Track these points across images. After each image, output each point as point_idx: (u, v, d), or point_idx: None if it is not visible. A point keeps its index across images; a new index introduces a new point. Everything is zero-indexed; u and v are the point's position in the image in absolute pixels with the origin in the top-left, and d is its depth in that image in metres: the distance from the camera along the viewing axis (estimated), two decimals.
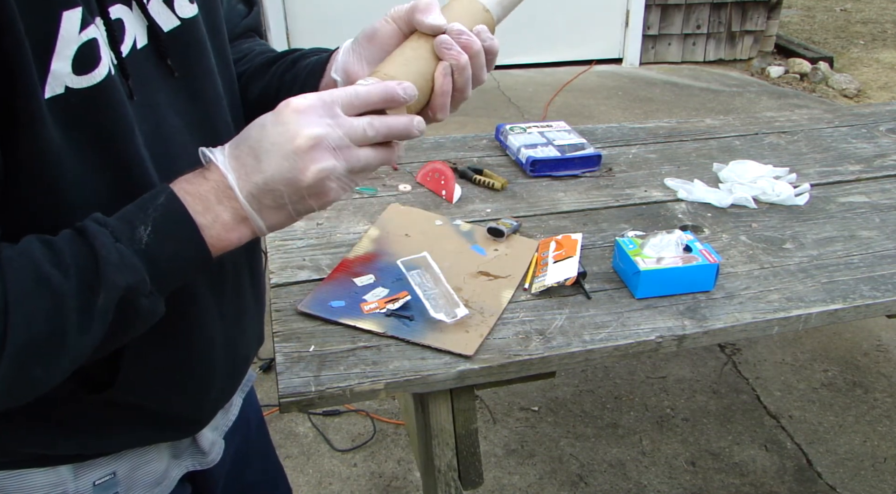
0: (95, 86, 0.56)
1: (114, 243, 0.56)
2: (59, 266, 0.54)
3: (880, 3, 7.15)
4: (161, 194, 0.59)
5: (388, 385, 0.93)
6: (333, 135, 0.60)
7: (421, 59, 0.68)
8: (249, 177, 0.60)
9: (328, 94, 0.61)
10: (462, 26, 0.69)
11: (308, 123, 0.59)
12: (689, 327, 1.05)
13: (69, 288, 0.54)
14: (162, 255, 0.58)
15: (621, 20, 4.94)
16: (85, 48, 0.55)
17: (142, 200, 0.59)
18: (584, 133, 1.66)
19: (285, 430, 2.14)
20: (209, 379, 0.78)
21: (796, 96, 4.67)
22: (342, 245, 1.22)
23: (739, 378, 2.38)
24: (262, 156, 0.60)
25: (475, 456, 1.08)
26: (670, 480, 2.00)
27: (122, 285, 0.56)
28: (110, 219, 0.58)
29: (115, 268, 0.55)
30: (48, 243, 0.55)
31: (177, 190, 0.60)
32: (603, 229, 1.30)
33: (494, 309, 1.06)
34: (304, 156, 0.59)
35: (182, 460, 0.85)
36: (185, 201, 0.59)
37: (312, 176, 0.59)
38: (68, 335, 0.54)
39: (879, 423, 2.19)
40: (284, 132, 0.59)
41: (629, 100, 4.44)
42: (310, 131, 0.59)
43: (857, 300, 1.12)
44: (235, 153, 0.61)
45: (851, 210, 1.39)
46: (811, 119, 1.85)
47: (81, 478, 0.74)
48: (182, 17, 0.68)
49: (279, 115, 0.60)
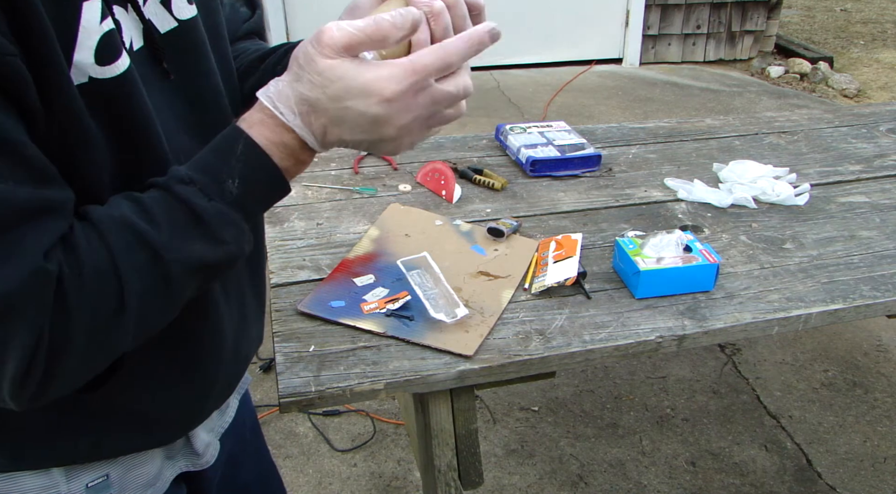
0: (120, 77, 0.57)
1: (208, 201, 0.58)
2: (153, 223, 0.56)
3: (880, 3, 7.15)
4: (237, 142, 0.60)
5: (388, 385, 0.93)
6: (428, 112, 0.60)
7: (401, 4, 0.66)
8: (329, 135, 0.61)
9: (416, 67, 0.58)
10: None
11: (400, 114, 0.59)
12: (689, 327, 1.05)
13: (165, 240, 0.56)
14: (251, 204, 0.61)
15: (621, 20, 4.94)
16: (106, 38, 0.56)
17: (216, 149, 0.61)
18: (584, 133, 1.66)
19: (285, 430, 2.14)
20: (215, 377, 0.78)
21: (796, 96, 4.67)
22: (342, 245, 1.22)
23: (739, 378, 2.38)
24: (346, 126, 0.60)
25: (475, 456, 1.08)
26: (670, 480, 2.00)
27: (231, 236, 0.60)
28: (194, 173, 0.59)
29: (217, 224, 0.58)
30: (138, 201, 0.58)
31: (256, 136, 0.60)
32: (603, 229, 1.30)
33: (494, 309, 1.06)
34: (392, 138, 0.60)
35: (176, 461, 0.85)
36: (270, 150, 0.60)
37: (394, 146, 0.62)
38: (173, 283, 0.57)
39: (879, 423, 2.19)
40: (374, 120, 0.59)
41: (629, 100, 4.44)
42: (401, 122, 0.59)
43: (857, 300, 1.12)
44: (309, 117, 0.60)
45: (851, 210, 1.39)
46: (811, 119, 1.85)
47: (74, 480, 0.73)
48: (179, 19, 0.67)
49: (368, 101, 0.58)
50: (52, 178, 0.54)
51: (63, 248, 0.53)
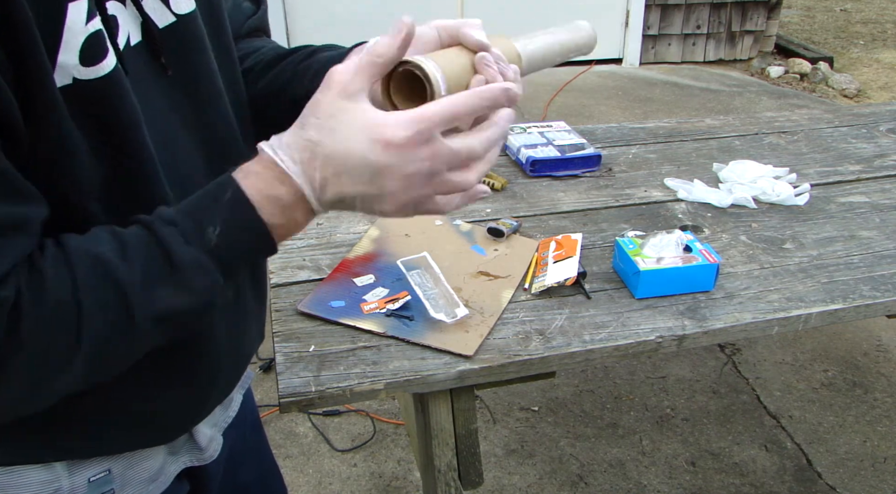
0: (105, 77, 0.56)
1: (185, 245, 0.56)
2: (128, 262, 0.55)
3: (880, 3, 7.15)
4: (226, 190, 0.58)
5: (388, 385, 0.93)
6: (430, 168, 0.57)
7: (462, 65, 0.67)
8: (326, 189, 0.58)
9: (423, 116, 0.56)
10: (502, 54, 0.68)
11: (402, 164, 0.57)
12: (689, 327, 1.05)
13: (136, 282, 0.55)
14: (230, 256, 0.59)
15: (621, 20, 4.94)
16: (92, 39, 0.55)
17: (204, 195, 0.59)
18: (584, 133, 1.66)
19: (285, 430, 2.14)
20: (213, 379, 0.78)
21: (796, 96, 4.67)
22: (342, 245, 1.22)
23: (739, 378, 2.38)
24: (345, 177, 0.57)
25: (475, 456, 1.08)
26: (670, 480, 2.00)
27: (199, 287, 0.57)
28: (178, 215, 0.58)
29: (190, 270, 0.56)
30: (118, 236, 0.56)
31: (247, 187, 0.58)
32: (603, 229, 1.30)
33: (494, 309, 1.06)
34: (390, 194, 0.58)
35: (179, 456, 0.85)
36: (259, 203, 0.58)
37: (393, 207, 0.59)
38: (138, 326, 0.56)
39: (879, 423, 2.19)
40: (375, 168, 0.57)
41: (629, 101, 4.44)
42: (406, 172, 0.57)
43: (857, 300, 1.12)
44: (312, 164, 0.58)
45: (851, 210, 1.39)
46: (811, 119, 1.85)
47: (76, 475, 0.74)
48: (178, 14, 0.66)
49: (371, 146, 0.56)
50: (18, 193, 0.52)
51: (28, 271, 0.52)
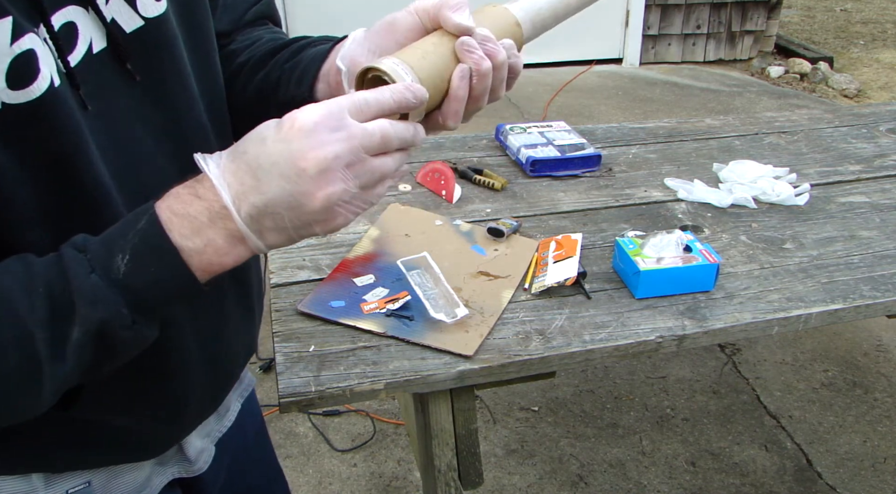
0: (36, 101, 0.52)
1: (88, 274, 0.52)
2: (31, 294, 0.51)
3: (880, 3, 7.14)
4: (143, 216, 0.55)
5: (388, 385, 0.93)
6: (345, 150, 0.54)
7: (441, 55, 0.63)
8: (247, 197, 0.54)
9: (334, 103, 0.55)
10: (489, 33, 0.64)
11: (316, 144, 0.53)
12: (689, 327, 1.05)
13: (37, 317, 0.51)
14: (141, 285, 0.54)
15: (621, 20, 4.94)
16: (19, 61, 0.51)
17: (125, 221, 0.56)
18: (584, 133, 1.66)
19: (285, 430, 2.14)
20: (184, 399, 0.75)
21: (796, 96, 4.67)
22: (342, 245, 1.22)
23: (739, 378, 2.38)
24: (262, 176, 0.54)
25: (475, 456, 1.08)
26: (670, 480, 2.00)
27: (96, 319, 0.53)
28: (92, 242, 0.54)
29: (88, 302, 0.52)
30: (27, 267, 0.53)
31: (162, 210, 0.55)
32: (603, 229, 1.30)
33: (494, 309, 1.06)
34: (311, 181, 0.53)
35: (167, 467, 0.83)
36: (171, 224, 0.54)
37: (320, 203, 0.54)
38: (42, 364, 0.52)
39: (879, 423, 2.19)
40: (288, 153, 0.53)
41: (629, 100, 4.44)
42: (318, 153, 0.53)
43: (857, 300, 1.12)
44: (232, 167, 0.55)
45: (851, 210, 1.39)
46: (811, 119, 1.84)
47: (53, 487, 0.71)
48: (146, 17, 0.62)
49: (282, 131, 0.54)
50: None
51: None
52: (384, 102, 0.57)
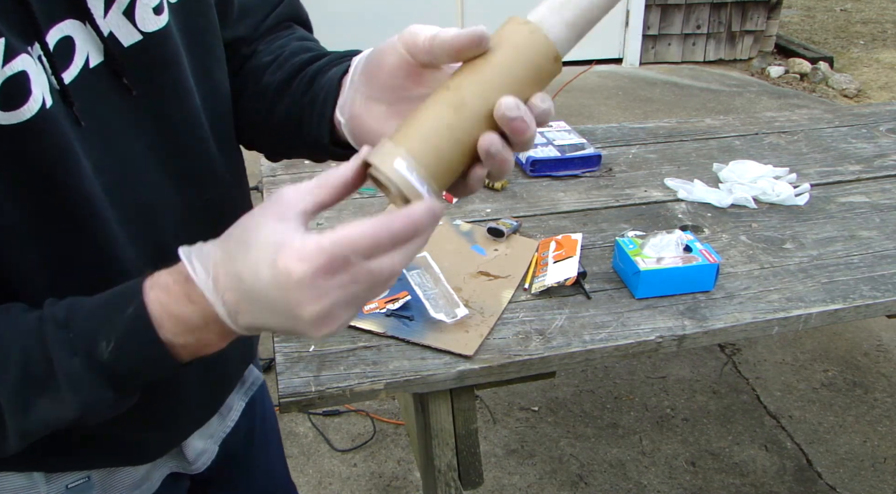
0: (27, 122, 0.51)
1: (70, 357, 0.52)
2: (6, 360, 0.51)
3: (880, 3, 7.15)
4: (131, 302, 0.53)
5: (388, 385, 0.93)
6: (348, 295, 0.49)
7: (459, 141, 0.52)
8: (243, 316, 0.51)
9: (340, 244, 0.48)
10: (518, 101, 0.51)
11: (313, 296, 0.48)
12: (689, 327, 1.05)
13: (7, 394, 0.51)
14: (125, 371, 0.53)
15: (621, 20, 4.94)
16: (10, 83, 0.50)
17: (110, 302, 0.54)
18: (584, 133, 1.66)
19: (285, 430, 2.14)
20: (178, 408, 0.75)
21: (796, 96, 4.67)
22: None
23: (739, 378, 2.38)
24: (258, 307, 0.50)
25: (475, 456, 1.08)
26: (670, 480, 2.00)
27: (77, 401, 0.53)
28: (75, 319, 0.53)
29: (70, 389, 0.52)
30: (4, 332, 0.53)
31: (152, 302, 0.52)
32: (603, 229, 1.30)
33: (494, 309, 1.06)
34: (310, 325, 0.50)
35: (166, 462, 0.83)
36: (162, 321, 0.52)
37: (320, 334, 0.51)
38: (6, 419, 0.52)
39: (879, 423, 2.19)
40: (285, 303, 0.49)
41: (629, 100, 4.44)
42: (315, 307, 0.48)
43: (857, 300, 1.12)
44: (226, 282, 0.51)
45: (851, 210, 1.39)
46: (811, 119, 1.85)
47: (54, 482, 0.72)
48: (144, 31, 0.60)
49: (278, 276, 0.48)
50: None
51: None
52: (396, 234, 0.49)
